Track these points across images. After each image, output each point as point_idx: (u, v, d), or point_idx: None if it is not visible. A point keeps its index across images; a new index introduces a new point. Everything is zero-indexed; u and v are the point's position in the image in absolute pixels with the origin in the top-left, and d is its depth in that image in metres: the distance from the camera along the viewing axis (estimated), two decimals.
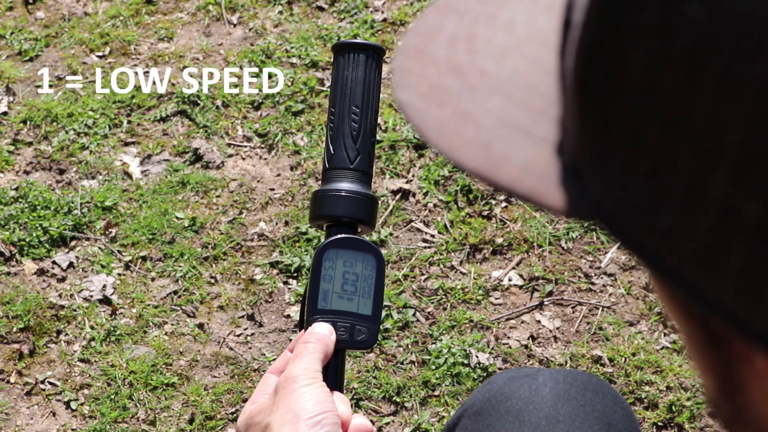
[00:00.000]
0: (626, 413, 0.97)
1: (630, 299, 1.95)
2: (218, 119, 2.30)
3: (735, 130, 0.29)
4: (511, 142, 0.36)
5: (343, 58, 0.89)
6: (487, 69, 0.39)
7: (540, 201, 0.35)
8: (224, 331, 1.92)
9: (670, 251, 0.32)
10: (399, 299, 1.94)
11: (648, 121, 0.31)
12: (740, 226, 0.30)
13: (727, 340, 0.35)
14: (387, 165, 2.18)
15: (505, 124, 0.37)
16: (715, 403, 0.38)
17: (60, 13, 2.56)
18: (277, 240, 2.05)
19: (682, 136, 0.30)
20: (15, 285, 1.98)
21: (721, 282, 0.31)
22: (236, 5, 2.56)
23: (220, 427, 1.79)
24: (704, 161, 0.30)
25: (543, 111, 0.37)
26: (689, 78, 0.30)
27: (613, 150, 0.33)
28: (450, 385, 1.82)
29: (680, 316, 0.37)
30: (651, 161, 0.32)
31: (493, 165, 0.36)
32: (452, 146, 0.37)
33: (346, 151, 0.88)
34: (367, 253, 0.86)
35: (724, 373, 0.36)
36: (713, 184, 0.30)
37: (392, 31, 2.49)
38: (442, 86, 0.39)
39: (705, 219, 0.31)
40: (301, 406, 0.74)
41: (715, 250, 0.31)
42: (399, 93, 0.40)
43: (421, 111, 0.39)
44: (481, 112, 0.37)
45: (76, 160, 2.22)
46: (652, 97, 0.31)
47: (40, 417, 1.81)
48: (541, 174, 0.36)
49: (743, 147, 0.29)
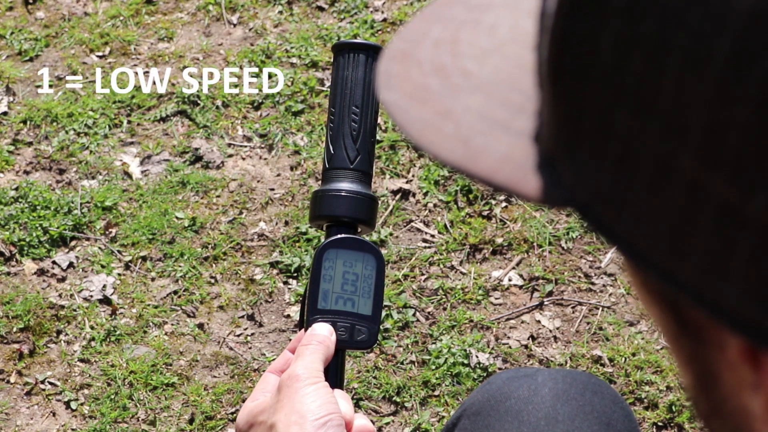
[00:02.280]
0: (626, 413, 0.97)
1: (630, 299, 1.95)
2: (218, 119, 2.30)
3: (699, 109, 0.29)
4: (490, 136, 0.37)
5: (343, 58, 0.89)
6: (470, 69, 0.39)
7: (516, 190, 0.36)
8: (224, 331, 1.92)
9: (640, 235, 0.33)
10: (399, 299, 1.94)
11: (617, 106, 0.32)
12: (706, 206, 0.30)
13: (699, 327, 0.35)
14: (387, 165, 2.18)
15: (485, 120, 0.38)
16: (694, 399, 0.39)
17: (60, 13, 2.56)
18: (277, 240, 2.05)
19: (650, 118, 0.31)
20: (15, 285, 1.98)
21: (689, 262, 0.31)
22: (236, 5, 2.57)
23: (220, 427, 1.79)
24: (671, 142, 0.31)
25: (522, 106, 0.37)
26: (655, 59, 0.30)
27: (585, 137, 0.34)
28: (450, 385, 1.82)
29: (654, 305, 0.38)
30: (620, 146, 0.32)
31: (471, 158, 0.37)
32: (432, 142, 0.38)
33: (346, 151, 0.88)
34: (367, 253, 0.86)
35: (699, 366, 0.37)
36: (680, 164, 0.31)
37: (392, 31, 2.49)
38: (425, 86, 0.40)
39: (673, 200, 0.31)
40: (306, 407, 0.74)
41: (682, 230, 0.31)
42: (383, 93, 0.41)
43: (404, 109, 0.40)
44: (462, 109, 0.38)
45: (76, 160, 2.22)
46: (620, 80, 0.32)
47: (40, 417, 1.81)
48: (517, 164, 0.36)
49: (708, 126, 0.29)
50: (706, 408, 0.38)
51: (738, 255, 0.30)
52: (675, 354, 0.39)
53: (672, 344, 0.38)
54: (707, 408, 0.38)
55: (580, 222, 2.03)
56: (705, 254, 0.31)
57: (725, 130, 0.29)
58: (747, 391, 0.34)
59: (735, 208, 0.30)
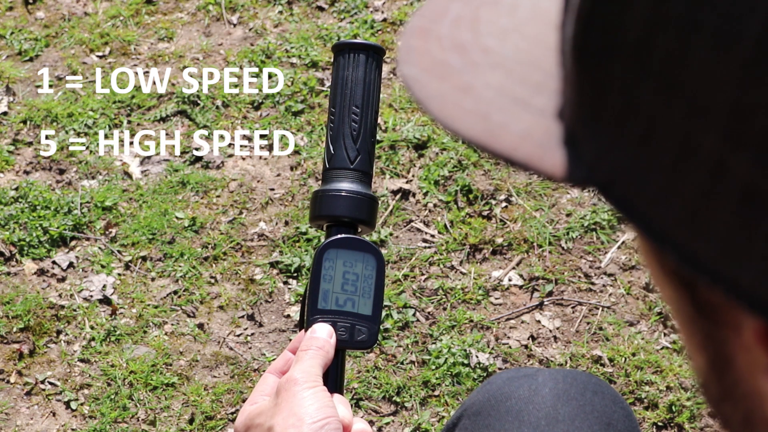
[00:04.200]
0: (626, 413, 0.97)
1: (630, 299, 1.95)
2: (218, 119, 2.30)
3: (726, 89, 0.29)
4: (510, 113, 0.37)
5: (343, 58, 0.89)
6: (490, 46, 0.40)
7: (537, 167, 0.36)
8: (224, 331, 1.92)
9: (661, 213, 0.33)
10: (399, 299, 1.94)
11: (642, 84, 0.32)
12: (729, 186, 0.30)
13: (715, 308, 0.35)
14: (387, 165, 2.18)
15: (505, 96, 0.38)
16: (705, 384, 0.39)
17: (60, 13, 2.56)
18: (277, 240, 2.05)
19: (675, 97, 0.31)
20: (15, 285, 1.98)
21: (708, 241, 0.31)
22: (236, 5, 2.57)
23: (220, 427, 1.79)
24: (696, 122, 0.31)
25: (542, 84, 0.38)
26: (683, 38, 0.30)
27: (608, 114, 0.34)
28: (450, 385, 1.82)
29: (670, 286, 0.37)
30: (644, 124, 0.32)
31: (491, 134, 0.37)
32: (452, 117, 0.38)
33: (346, 151, 0.88)
34: (367, 253, 0.86)
35: (712, 348, 0.37)
36: (704, 144, 0.31)
37: (392, 31, 2.49)
38: (445, 62, 0.40)
39: (695, 180, 0.31)
40: (304, 410, 0.75)
41: (704, 210, 0.31)
42: (402, 68, 0.41)
43: (423, 84, 0.40)
44: (482, 85, 0.38)
45: (76, 160, 2.22)
46: (646, 58, 0.32)
47: (40, 417, 1.81)
48: (538, 142, 0.36)
49: (734, 106, 0.29)
50: (717, 392, 0.38)
51: (759, 235, 0.30)
52: (687, 338, 0.39)
53: (685, 327, 0.38)
54: (719, 392, 0.38)
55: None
56: (726, 234, 0.31)
57: (752, 111, 0.29)
58: (761, 374, 0.34)
59: (758, 188, 0.30)
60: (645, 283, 1.97)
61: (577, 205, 2.11)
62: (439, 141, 2.21)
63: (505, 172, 2.16)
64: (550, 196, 2.13)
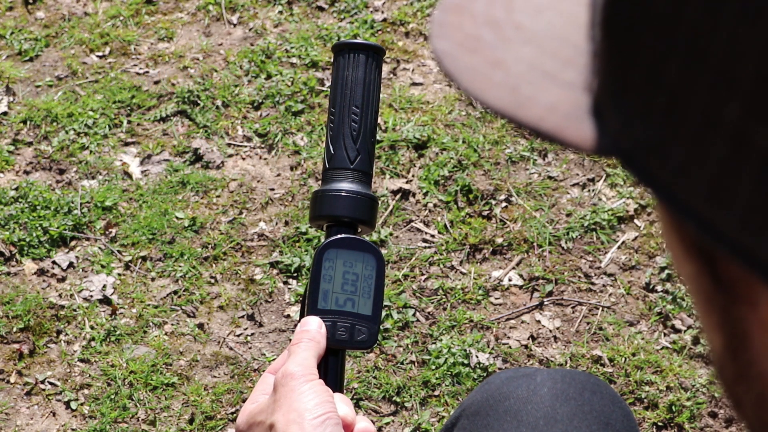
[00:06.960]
0: (624, 413, 0.97)
1: (630, 299, 1.95)
2: (218, 119, 2.30)
3: (750, 59, 0.30)
4: (539, 86, 0.38)
5: (343, 58, 0.89)
6: (523, 23, 0.40)
7: (563, 137, 0.37)
8: (224, 331, 1.92)
9: (683, 184, 0.33)
10: (399, 299, 1.94)
11: (668, 55, 0.32)
12: (751, 157, 0.31)
13: (734, 282, 0.35)
14: (387, 165, 2.18)
15: (535, 70, 0.39)
16: (720, 365, 0.39)
17: (60, 13, 2.56)
18: (277, 240, 2.05)
19: (700, 68, 0.31)
20: (15, 285, 1.99)
21: (729, 212, 0.32)
22: (236, 5, 2.57)
23: (220, 427, 1.79)
24: (719, 92, 0.31)
25: (572, 59, 0.38)
26: (710, 8, 0.31)
27: (634, 85, 0.34)
28: (450, 385, 1.82)
29: (689, 259, 0.38)
30: (669, 95, 0.33)
31: (519, 105, 0.38)
32: (481, 89, 0.39)
33: (346, 151, 0.88)
34: (367, 253, 0.86)
35: (729, 326, 0.37)
36: (727, 116, 0.31)
37: (392, 31, 2.49)
38: (478, 36, 0.41)
39: (717, 150, 0.31)
40: (303, 405, 0.75)
41: (725, 180, 0.32)
42: (434, 42, 0.42)
43: (454, 58, 0.41)
44: (513, 59, 0.39)
45: (76, 160, 2.22)
46: (673, 29, 0.32)
47: (40, 417, 1.81)
48: (564, 113, 0.37)
49: (758, 76, 0.30)
50: (732, 372, 0.38)
51: None
52: (705, 316, 0.39)
53: (702, 306, 0.39)
54: (733, 372, 0.38)
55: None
56: (746, 205, 0.31)
57: None
58: None
59: None
60: (645, 283, 1.97)
61: (577, 205, 2.11)
62: (439, 141, 2.21)
63: (505, 172, 2.16)
64: (550, 196, 2.13)
